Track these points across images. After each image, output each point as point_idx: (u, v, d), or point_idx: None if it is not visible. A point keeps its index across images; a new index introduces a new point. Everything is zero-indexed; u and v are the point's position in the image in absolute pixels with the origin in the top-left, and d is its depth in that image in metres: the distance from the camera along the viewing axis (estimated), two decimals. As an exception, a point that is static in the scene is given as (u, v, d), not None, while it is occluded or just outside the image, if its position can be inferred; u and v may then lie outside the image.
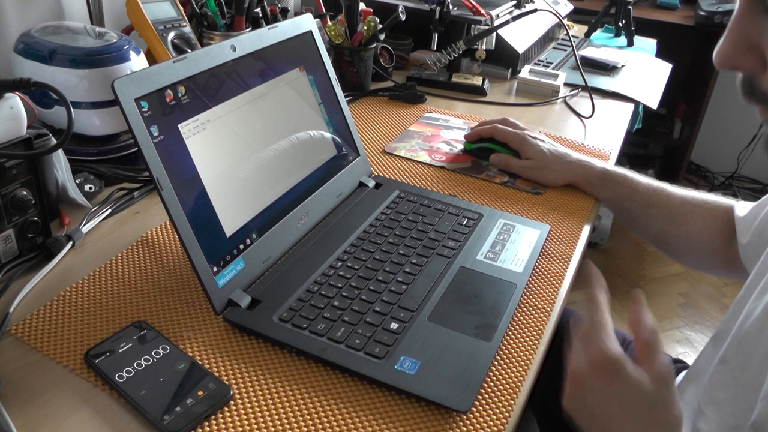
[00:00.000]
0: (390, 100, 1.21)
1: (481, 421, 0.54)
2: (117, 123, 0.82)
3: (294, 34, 0.77)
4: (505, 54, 1.36)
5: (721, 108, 2.74)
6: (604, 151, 1.06)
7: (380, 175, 0.91)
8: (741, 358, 0.60)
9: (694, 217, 0.85)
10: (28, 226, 0.67)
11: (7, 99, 0.63)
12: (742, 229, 0.79)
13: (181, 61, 0.61)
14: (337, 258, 0.70)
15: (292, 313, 0.61)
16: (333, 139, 0.82)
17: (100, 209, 0.77)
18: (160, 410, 0.51)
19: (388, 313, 0.63)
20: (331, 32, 1.17)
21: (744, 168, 2.83)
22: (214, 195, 0.62)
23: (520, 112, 1.21)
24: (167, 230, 0.75)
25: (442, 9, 1.30)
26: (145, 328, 0.59)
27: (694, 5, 2.34)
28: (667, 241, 0.89)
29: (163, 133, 0.58)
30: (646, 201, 0.87)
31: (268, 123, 0.71)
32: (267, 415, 0.52)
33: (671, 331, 2.08)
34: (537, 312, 0.67)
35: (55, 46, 0.77)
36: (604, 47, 1.61)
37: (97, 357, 0.55)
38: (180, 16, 0.98)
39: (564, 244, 0.79)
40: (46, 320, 0.60)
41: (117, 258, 0.70)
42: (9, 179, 0.64)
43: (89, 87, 0.77)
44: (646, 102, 1.33)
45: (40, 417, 0.51)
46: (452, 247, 0.74)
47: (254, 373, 0.56)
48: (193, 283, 0.66)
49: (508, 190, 0.91)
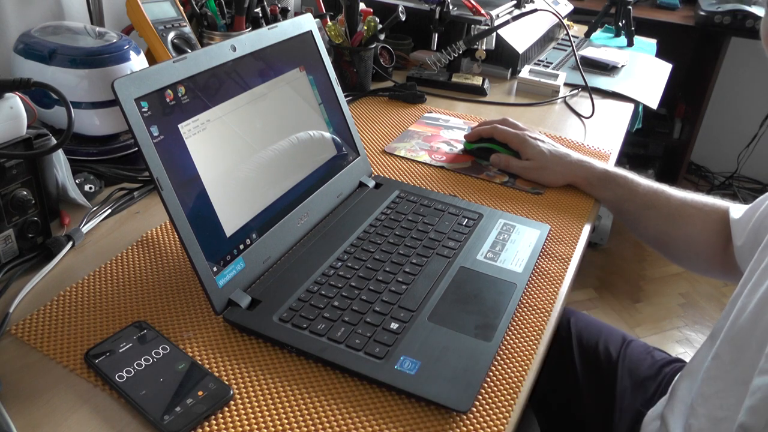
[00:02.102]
0: (390, 100, 1.21)
1: (481, 421, 0.54)
2: (117, 123, 0.82)
3: (294, 34, 0.77)
4: (505, 54, 1.36)
5: (721, 108, 2.74)
6: (604, 151, 1.06)
7: (380, 175, 0.91)
8: (734, 353, 0.60)
9: (692, 219, 0.85)
10: (28, 226, 0.67)
11: (7, 99, 0.63)
12: (737, 231, 0.79)
13: (181, 61, 0.61)
14: (337, 258, 0.70)
15: (292, 313, 0.61)
16: (333, 139, 0.82)
17: (100, 209, 0.77)
18: (160, 410, 0.51)
19: (388, 313, 0.63)
20: (331, 32, 1.17)
21: (744, 168, 2.83)
22: (214, 195, 0.62)
23: (520, 112, 1.21)
24: (167, 230, 0.75)
25: (442, 9, 1.30)
26: (145, 328, 0.59)
27: (694, 5, 2.34)
28: (666, 242, 0.89)
29: (163, 133, 0.58)
30: (645, 202, 0.87)
31: (268, 123, 0.71)
32: (267, 415, 0.52)
33: (671, 331, 2.08)
34: (537, 312, 0.67)
35: (55, 46, 0.77)
36: (604, 47, 1.61)
37: (97, 357, 0.55)
38: (180, 16, 0.98)
39: (564, 244, 0.79)
40: (46, 320, 0.60)
41: (117, 258, 0.70)
42: (9, 179, 0.64)
43: (89, 87, 0.77)
44: (646, 102, 1.33)
45: (40, 417, 0.51)
46: (452, 247, 0.74)
47: (254, 373, 0.56)
48: (193, 283, 0.66)
49: (508, 190, 0.91)
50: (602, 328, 0.96)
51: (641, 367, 0.89)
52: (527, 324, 0.65)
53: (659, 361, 0.90)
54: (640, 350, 0.92)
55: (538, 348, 0.62)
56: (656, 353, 0.92)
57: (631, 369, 0.89)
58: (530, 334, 0.63)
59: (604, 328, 0.96)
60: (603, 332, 0.95)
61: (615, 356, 0.91)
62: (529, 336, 0.63)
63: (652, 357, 0.91)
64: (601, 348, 0.92)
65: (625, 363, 0.90)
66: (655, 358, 0.91)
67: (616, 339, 0.94)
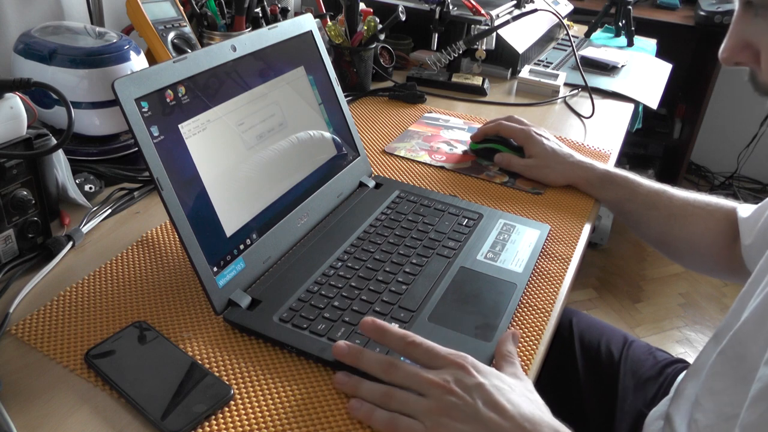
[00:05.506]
0: (390, 100, 1.21)
1: (481, 421, 0.53)
2: (117, 123, 0.82)
3: (294, 34, 0.77)
4: (505, 54, 1.36)
5: (721, 108, 2.74)
6: (604, 151, 1.06)
7: (380, 175, 0.91)
8: (738, 348, 0.60)
9: (696, 219, 0.85)
10: (28, 226, 0.67)
11: (7, 99, 0.63)
12: (745, 230, 0.79)
13: (181, 61, 0.61)
14: (337, 258, 0.70)
15: (292, 313, 0.61)
16: (333, 139, 0.82)
17: (100, 209, 0.77)
18: (160, 410, 0.51)
19: (389, 313, 0.63)
20: (331, 32, 1.17)
21: (744, 168, 2.83)
22: (214, 195, 0.62)
23: (520, 112, 1.21)
24: (167, 230, 0.75)
25: (442, 9, 1.30)
26: (145, 328, 0.59)
27: (694, 5, 2.34)
28: (668, 243, 0.89)
29: (164, 133, 0.58)
30: (647, 203, 0.87)
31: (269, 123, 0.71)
32: (267, 415, 0.52)
33: (671, 331, 2.08)
34: (537, 312, 0.67)
35: (55, 46, 0.77)
36: (604, 47, 1.61)
37: (97, 357, 0.55)
38: (180, 16, 0.98)
39: (564, 244, 0.79)
40: (46, 320, 0.60)
41: (117, 258, 0.70)
42: (9, 179, 0.64)
43: (89, 87, 0.77)
44: (646, 102, 1.33)
45: (40, 417, 0.51)
46: (452, 247, 0.74)
47: (254, 373, 0.56)
48: (193, 283, 0.66)
49: (508, 190, 0.91)
50: (604, 329, 0.96)
51: (643, 367, 0.89)
52: (527, 324, 0.65)
53: (661, 362, 0.90)
54: (641, 351, 0.92)
55: (538, 348, 0.62)
56: (658, 354, 0.92)
57: (633, 369, 0.89)
58: (530, 334, 0.63)
59: (605, 329, 0.96)
60: (605, 333, 0.95)
61: (617, 356, 0.91)
62: (529, 336, 0.63)
63: (654, 357, 0.91)
64: (602, 348, 0.92)
65: (627, 363, 0.90)
66: (657, 359, 0.91)
67: (618, 339, 0.94)
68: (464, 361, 0.53)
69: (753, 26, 0.59)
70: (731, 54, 0.62)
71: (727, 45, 0.62)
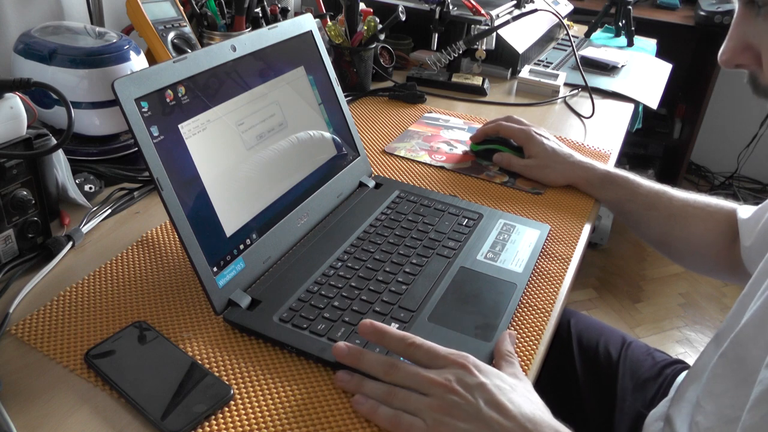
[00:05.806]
0: (390, 100, 1.21)
1: (481, 421, 0.53)
2: (117, 123, 0.82)
3: (294, 34, 0.77)
4: (505, 54, 1.36)
5: (721, 108, 2.74)
6: (604, 151, 1.06)
7: (380, 175, 0.91)
8: (739, 350, 0.60)
9: (696, 219, 0.85)
10: (28, 226, 0.67)
11: (7, 99, 0.63)
12: (745, 231, 0.79)
13: (181, 61, 0.61)
14: (337, 258, 0.70)
15: (292, 313, 0.61)
16: (333, 139, 0.82)
17: (100, 209, 0.77)
18: (160, 410, 0.51)
19: (389, 313, 0.63)
20: (331, 32, 1.17)
21: (744, 168, 2.83)
22: (214, 195, 0.62)
23: (520, 112, 1.21)
24: (167, 230, 0.75)
25: (442, 9, 1.30)
26: (145, 328, 0.59)
27: (694, 5, 2.34)
28: (668, 243, 0.89)
29: (163, 133, 0.58)
30: (647, 203, 0.87)
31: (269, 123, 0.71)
32: (267, 415, 0.52)
33: (671, 331, 2.08)
34: (537, 312, 0.67)
35: (55, 46, 0.77)
36: (604, 47, 1.61)
37: (97, 357, 0.55)
38: (180, 16, 0.98)
39: (564, 244, 0.79)
40: (46, 320, 0.60)
41: (117, 258, 0.70)
42: (9, 179, 0.64)
43: (89, 87, 0.77)
44: (646, 102, 1.33)
45: (40, 417, 0.51)
46: (452, 247, 0.74)
47: (254, 373, 0.56)
48: (193, 283, 0.66)
49: (508, 190, 0.91)
50: (603, 329, 0.96)
51: (642, 368, 0.89)
52: (527, 324, 0.65)
53: (660, 363, 0.90)
54: (640, 351, 0.92)
55: (538, 348, 0.62)
56: (657, 354, 0.92)
57: (631, 370, 0.89)
58: (530, 335, 0.63)
59: (604, 329, 0.96)
60: (603, 333, 0.95)
61: (615, 357, 0.91)
62: (529, 336, 0.63)
63: (652, 358, 0.91)
64: (601, 349, 0.92)
65: (626, 364, 0.90)
66: (656, 360, 0.91)
67: (617, 340, 0.94)
68: (466, 360, 0.53)
69: (754, 27, 0.58)
70: (732, 56, 0.61)
71: (728, 47, 0.61)
